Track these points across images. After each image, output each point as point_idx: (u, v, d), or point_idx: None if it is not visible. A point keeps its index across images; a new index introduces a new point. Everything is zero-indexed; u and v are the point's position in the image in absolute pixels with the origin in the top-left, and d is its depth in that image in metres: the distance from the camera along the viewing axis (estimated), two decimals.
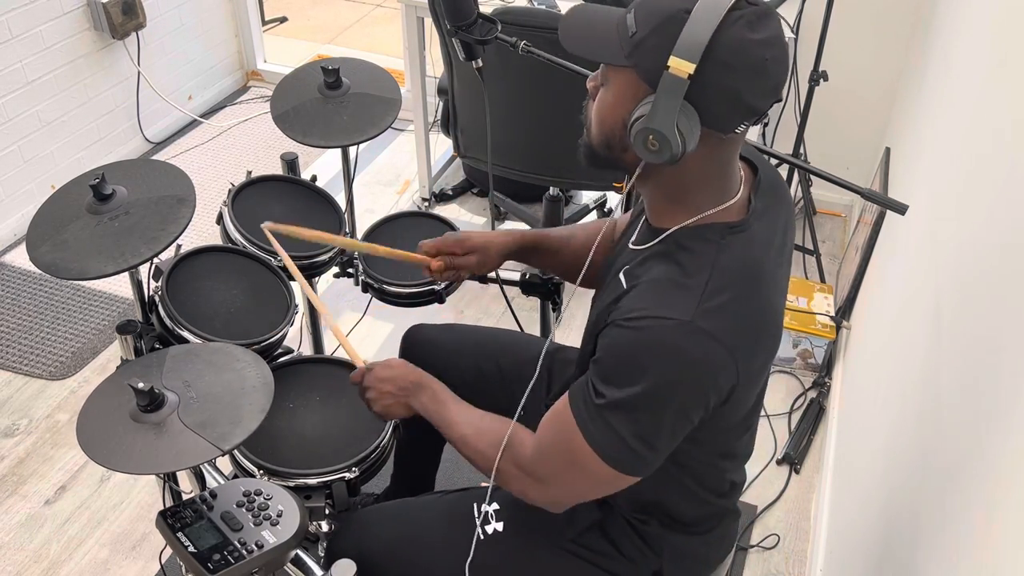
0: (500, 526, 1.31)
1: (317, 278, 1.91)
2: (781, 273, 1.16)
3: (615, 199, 3.21)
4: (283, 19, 4.66)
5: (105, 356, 2.56)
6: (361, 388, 1.33)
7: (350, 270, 1.84)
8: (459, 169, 3.41)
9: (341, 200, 1.88)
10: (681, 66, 0.94)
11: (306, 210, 1.82)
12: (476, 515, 1.32)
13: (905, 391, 1.55)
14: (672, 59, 0.94)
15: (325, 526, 1.40)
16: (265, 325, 1.52)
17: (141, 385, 1.15)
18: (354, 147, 1.84)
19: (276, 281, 1.61)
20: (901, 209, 1.23)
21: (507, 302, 1.73)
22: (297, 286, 1.59)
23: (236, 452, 1.39)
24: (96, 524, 2.11)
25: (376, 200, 3.30)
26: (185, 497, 1.25)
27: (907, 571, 1.25)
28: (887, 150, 2.62)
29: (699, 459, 1.18)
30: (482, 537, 1.30)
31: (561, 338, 2.61)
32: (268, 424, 1.24)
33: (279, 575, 1.27)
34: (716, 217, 1.07)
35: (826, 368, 2.53)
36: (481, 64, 1.49)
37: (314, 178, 1.87)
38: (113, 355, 2.56)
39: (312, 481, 1.37)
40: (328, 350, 2.14)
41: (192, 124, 3.68)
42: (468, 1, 1.42)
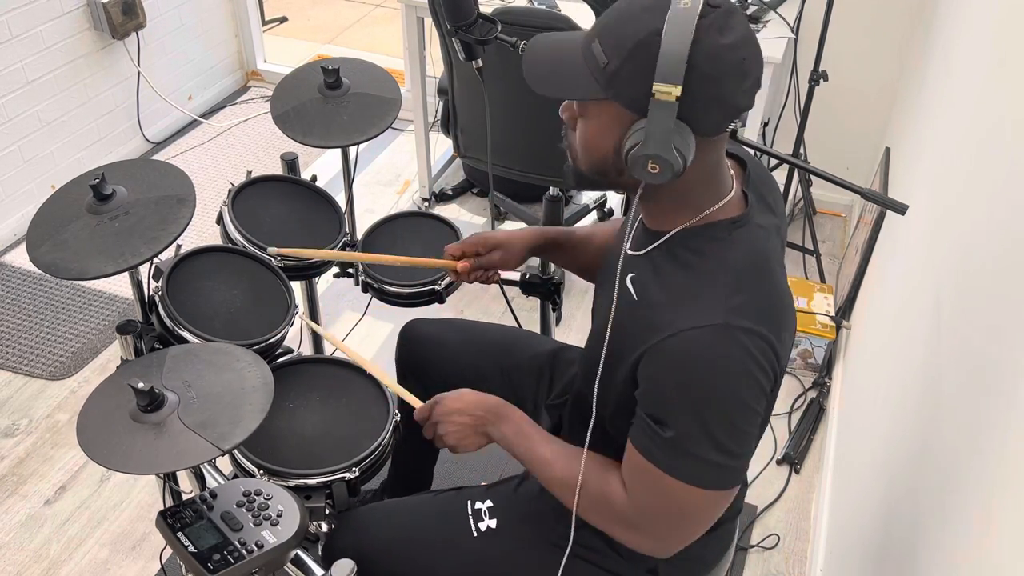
0: (493, 523, 1.31)
1: (317, 278, 1.91)
2: (780, 252, 1.17)
3: (615, 199, 3.21)
4: (283, 19, 4.66)
5: (105, 356, 2.56)
6: (430, 424, 1.28)
7: (350, 270, 1.84)
8: (459, 169, 3.41)
9: (341, 200, 1.88)
10: (667, 90, 0.93)
11: (306, 210, 1.82)
12: (469, 512, 1.32)
13: (905, 391, 1.55)
14: (656, 85, 0.94)
15: (325, 526, 1.40)
16: (265, 325, 1.52)
17: (141, 385, 1.15)
18: (354, 147, 1.83)
19: (276, 281, 1.61)
20: (901, 209, 1.23)
21: (507, 302, 1.74)
22: (298, 287, 1.59)
23: (236, 452, 1.39)
24: (96, 524, 2.11)
25: (376, 200, 3.30)
26: (185, 497, 1.25)
27: (907, 571, 1.26)
28: (887, 150, 2.62)
29: None
30: (475, 535, 1.30)
31: (561, 338, 2.61)
32: (268, 424, 1.24)
33: (279, 575, 1.27)
34: (717, 215, 1.08)
35: (826, 368, 2.53)
36: (481, 64, 1.49)
37: (314, 178, 1.87)
38: (113, 355, 2.56)
39: (312, 481, 1.37)
40: (328, 350, 2.14)
41: (192, 124, 3.68)
42: (468, 1, 1.42)
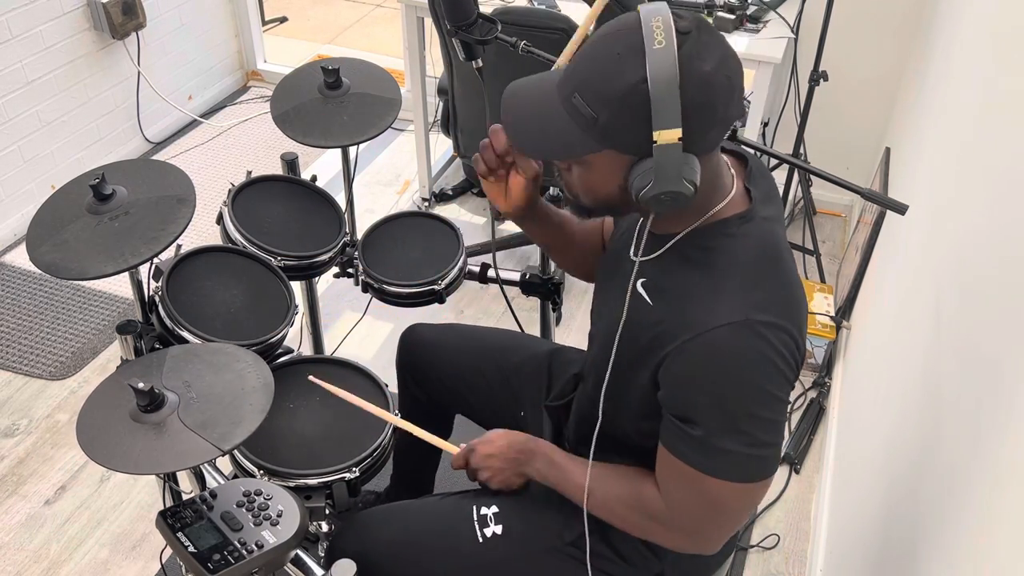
0: (499, 529, 1.30)
1: (317, 278, 1.91)
2: (786, 240, 1.17)
3: None
4: (283, 19, 4.66)
5: (105, 356, 2.56)
6: (470, 471, 1.31)
7: (350, 270, 1.85)
8: (459, 169, 3.41)
9: (341, 200, 1.88)
10: (668, 135, 0.93)
11: (306, 210, 1.82)
12: (475, 518, 1.32)
13: (905, 391, 1.55)
14: (656, 133, 0.93)
15: (325, 526, 1.39)
16: (265, 325, 1.52)
17: (141, 385, 1.15)
18: (354, 147, 1.83)
19: (276, 281, 1.61)
20: (901, 209, 1.23)
21: (507, 302, 1.74)
22: (298, 287, 1.58)
23: (236, 452, 1.39)
24: (96, 524, 2.11)
25: (376, 200, 3.30)
26: (185, 497, 1.25)
27: (907, 571, 1.26)
28: (887, 150, 2.62)
29: None
30: (481, 541, 1.30)
31: (561, 337, 2.61)
32: (268, 424, 1.24)
33: (279, 575, 1.27)
34: (723, 212, 1.08)
35: (826, 368, 2.53)
36: (481, 64, 1.49)
37: (314, 178, 1.87)
38: (113, 355, 2.56)
39: (312, 481, 1.37)
40: (328, 350, 2.14)
41: (192, 124, 3.68)
42: (468, 1, 1.42)
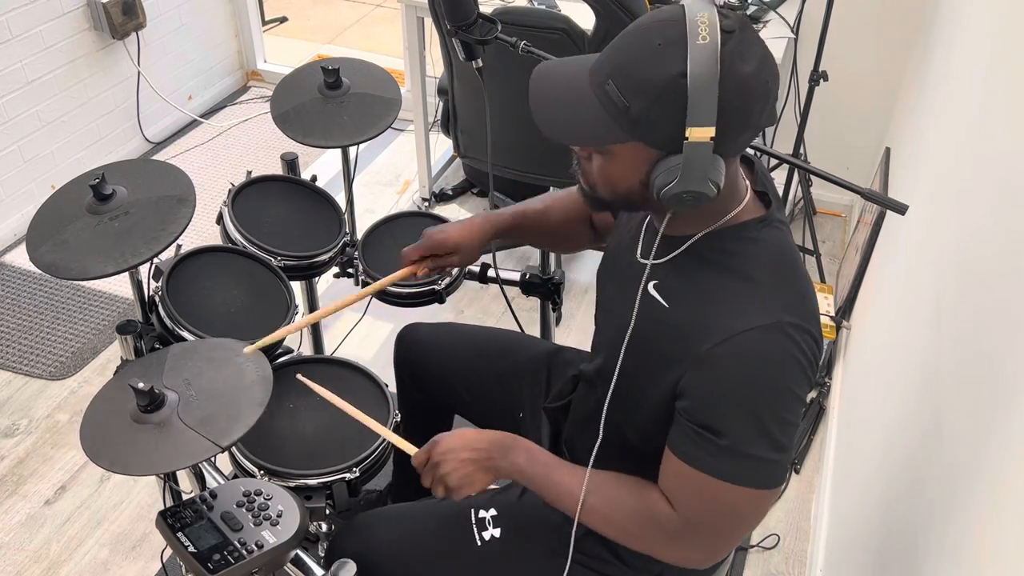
0: (497, 532, 1.30)
1: (317, 278, 1.91)
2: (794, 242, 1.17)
3: None
4: (283, 19, 4.65)
5: (105, 356, 2.56)
6: (429, 466, 1.20)
7: (350, 270, 1.85)
8: (459, 169, 3.41)
9: (341, 200, 1.88)
10: (702, 133, 0.92)
11: (306, 210, 1.82)
12: (473, 521, 1.32)
13: (905, 391, 1.55)
14: (690, 130, 0.92)
15: (325, 526, 1.40)
16: (265, 325, 1.52)
17: (141, 385, 1.15)
18: (354, 147, 1.84)
19: (276, 281, 1.61)
20: (901, 209, 1.23)
21: (507, 302, 1.74)
22: (298, 287, 1.58)
23: (236, 452, 1.39)
24: (96, 524, 2.11)
25: (376, 200, 3.30)
26: (185, 497, 1.25)
27: (907, 571, 1.25)
28: (887, 150, 2.62)
29: None
30: (479, 543, 1.30)
31: (561, 337, 2.61)
32: (268, 424, 1.24)
33: (279, 575, 1.27)
34: (741, 215, 1.07)
35: (826, 368, 2.53)
36: (481, 64, 1.49)
37: (314, 178, 1.87)
38: (113, 355, 2.56)
39: (312, 482, 1.37)
40: (328, 350, 2.14)
41: (192, 124, 3.68)
42: (468, 1, 1.42)
